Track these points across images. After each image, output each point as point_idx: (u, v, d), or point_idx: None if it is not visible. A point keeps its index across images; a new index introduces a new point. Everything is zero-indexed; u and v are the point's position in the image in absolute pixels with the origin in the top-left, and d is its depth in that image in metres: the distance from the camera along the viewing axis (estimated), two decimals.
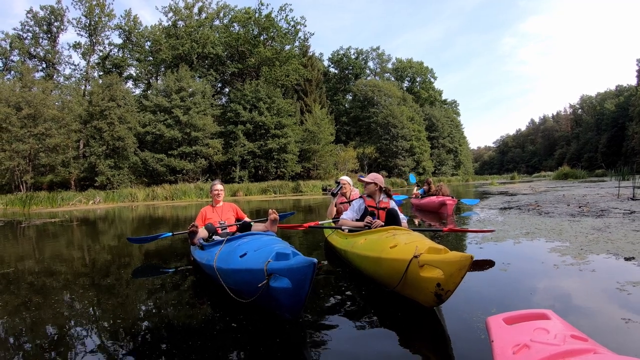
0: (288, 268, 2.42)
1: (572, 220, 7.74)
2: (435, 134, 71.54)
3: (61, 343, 2.71)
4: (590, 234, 6.11)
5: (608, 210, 9.10)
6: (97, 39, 46.30)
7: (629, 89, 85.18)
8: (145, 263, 5.54)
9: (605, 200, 11.92)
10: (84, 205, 24.94)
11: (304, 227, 6.00)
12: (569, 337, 1.54)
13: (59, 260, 6.14)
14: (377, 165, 58.34)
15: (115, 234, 9.84)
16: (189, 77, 39.91)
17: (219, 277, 3.26)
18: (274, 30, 48.47)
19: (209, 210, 6.04)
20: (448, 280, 2.65)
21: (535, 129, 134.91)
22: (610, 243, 5.28)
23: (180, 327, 2.92)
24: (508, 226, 7.51)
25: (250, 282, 2.71)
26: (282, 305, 2.57)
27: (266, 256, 2.73)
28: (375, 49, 76.85)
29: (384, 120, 58.43)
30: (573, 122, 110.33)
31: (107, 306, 3.56)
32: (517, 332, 1.67)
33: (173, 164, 36.50)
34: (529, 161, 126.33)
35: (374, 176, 5.14)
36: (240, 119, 41.88)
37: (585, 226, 6.90)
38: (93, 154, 32.45)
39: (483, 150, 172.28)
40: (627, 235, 5.80)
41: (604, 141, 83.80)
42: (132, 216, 15.93)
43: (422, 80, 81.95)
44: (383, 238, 3.80)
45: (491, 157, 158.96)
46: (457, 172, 76.39)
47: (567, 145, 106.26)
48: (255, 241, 3.44)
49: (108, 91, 33.69)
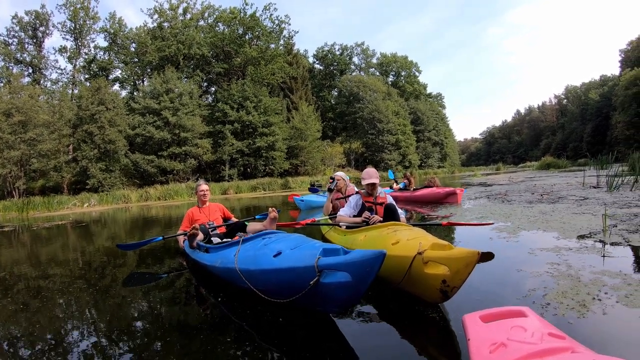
0: (349, 262, 2.34)
1: (527, 206, 8.55)
2: (420, 127, 72.24)
3: (58, 346, 2.76)
4: (534, 216, 6.94)
5: (565, 198, 9.77)
6: (82, 42, 46.51)
7: (612, 79, 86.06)
8: (136, 270, 5.37)
9: (569, 188, 12.50)
10: (79, 208, 25.43)
11: (301, 225, 5.95)
12: (546, 335, 1.55)
13: (65, 262, 6.29)
14: (363, 159, 59.17)
15: (111, 236, 10.05)
16: (176, 79, 40.28)
17: (244, 279, 3.17)
18: (259, 30, 48.99)
19: (196, 211, 6.04)
20: (454, 276, 2.61)
21: (521, 120, 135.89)
22: (545, 223, 6.13)
23: (180, 328, 2.96)
24: (468, 212, 8.46)
25: (294, 281, 2.65)
26: (335, 300, 2.52)
27: (311, 253, 2.66)
28: (360, 45, 77.40)
29: (369, 115, 59.12)
30: (558, 112, 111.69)
31: (106, 308, 3.62)
32: (494, 330, 1.67)
33: (163, 164, 36.94)
34: (515, 152, 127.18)
35: (370, 174, 5.03)
36: (228, 119, 42.47)
37: (534, 211, 7.69)
38: (85, 157, 32.68)
39: (470, 142, 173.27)
40: (564, 217, 6.58)
41: (588, 131, 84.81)
42: (126, 217, 16.34)
43: (406, 75, 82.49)
44: (384, 234, 3.79)
45: (478, 148, 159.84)
46: (443, 165, 77.16)
47: (552, 135, 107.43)
48: (283, 240, 3.34)
49: (97, 95, 33.92)
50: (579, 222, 5.95)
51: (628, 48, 74.58)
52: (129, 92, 47.84)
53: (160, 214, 16.54)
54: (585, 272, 3.48)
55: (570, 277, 3.38)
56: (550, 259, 4.01)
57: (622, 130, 65.30)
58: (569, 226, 5.74)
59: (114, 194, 30.29)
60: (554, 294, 3.02)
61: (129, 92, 47.95)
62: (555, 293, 3.05)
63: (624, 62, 74.29)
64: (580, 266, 3.66)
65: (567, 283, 3.24)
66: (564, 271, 3.56)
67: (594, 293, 2.97)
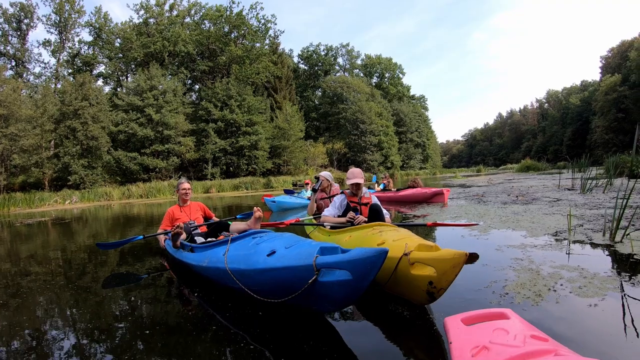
0: (350, 260, 2.30)
1: (501, 207, 8.92)
2: (403, 128, 73.33)
3: (38, 346, 2.73)
4: (506, 216, 7.28)
5: (539, 199, 10.07)
6: (67, 36, 46.05)
7: (593, 84, 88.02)
8: (117, 269, 5.27)
9: (545, 190, 12.86)
10: (61, 205, 25.34)
11: (285, 225, 5.83)
12: (529, 337, 1.54)
13: (45, 260, 6.22)
14: (346, 160, 59.81)
15: (92, 234, 9.91)
16: (160, 76, 40.19)
17: (235, 279, 3.12)
18: (245, 28, 49.36)
19: (177, 210, 5.89)
20: (441, 278, 2.59)
21: (502, 123, 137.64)
22: (516, 222, 6.48)
23: (162, 328, 2.92)
24: (444, 212, 8.84)
25: (290, 280, 2.61)
26: (334, 298, 2.50)
27: (308, 251, 2.62)
28: (345, 45, 77.77)
29: (352, 116, 59.65)
30: (539, 116, 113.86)
31: (87, 307, 3.59)
32: (476, 333, 1.66)
33: (146, 162, 36.84)
34: (496, 154, 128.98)
35: (355, 174, 4.98)
36: (212, 117, 42.69)
37: (507, 211, 8.01)
38: (67, 154, 32.22)
39: (452, 144, 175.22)
40: (534, 217, 6.91)
41: (568, 134, 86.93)
42: (108, 215, 16.26)
43: (390, 76, 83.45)
44: (369, 235, 3.75)
45: (460, 150, 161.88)
46: (425, 166, 78.47)
47: (533, 139, 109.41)
48: (276, 239, 3.28)
49: (81, 90, 33.54)
50: (548, 222, 6.28)
51: (609, 55, 76.61)
52: (113, 88, 47.46)
53: (143, 212, 16.58)
54: (546, 266, 3.76)
55: (531, 270, 3.65)
56: (515, 255, 4.28)
57: (601, 134, 67.09)
58: (537, 225, 6.06)
59: (95, 191, 30.17)
60: (513, 285, 3.25)
61: (112, 88, 47.57)
62: (515, 284, 3.28)
63: (605, 69, 76.30)
64: (541, 261, 3.94)
65: (527, 276, 3.50)
66: (525, 266, 3.83)
67: (550, 285, 3.21)
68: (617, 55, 72.37)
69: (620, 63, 69.11)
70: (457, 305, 2.92)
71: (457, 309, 2.50)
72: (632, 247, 4.22)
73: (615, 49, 74.12)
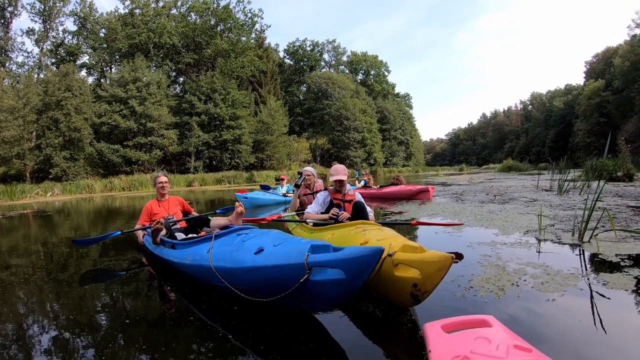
0: (344, 259, 2.25)
1: (478, 206, 9.06)
2: (387, 126, 73.89)
3: (18, 340, 2.71)
4: (481, 215, 7.41)
5: (516, 199, 10.17)
6: (51, 25, 45.31)
7: (577, 88, 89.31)
8: (97, 265, 5.12)
9: (523, 190, 12.98)
10: (42, 197, 25.23)
11: (267, 221, 5.68)
12: (512, 347, 1.49)
13: (26, 253, 6.18)
14: (329, 156, 60.08)
15: (74, 227, 9.87)
16: (145, 67, 39.95)
17: (220, 277, 3.01)
18: (231, 22, 49.33)
19: (155, 205, 5.75)
20: (426, 281, 2.50)
21: (486, 123, 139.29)
22: (490, 221, 6.61)
23: (142, 323, 2.92)
24: (421, 210, 9.07)
25: (280, 279, 2.54)
26: (325, 298, 2.44)
27: (299, 250, 2.55)
28: (331, 42, 78.13)
29: (337, 112, 59.90)
30: (523, 118, 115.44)
31: (68, 301, 3.54)
32: (457, 341, 1.61)
33: (129, 154, 36.57)
34: (479, 153, 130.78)
35: (338, 171, 4.88)
36: (195, 110, 42.63)
37: (483, 210, 8.14)
38: (49, 145, 31.81)
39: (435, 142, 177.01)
40: (508, 216, 7.03)
41: (551, 136, 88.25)
42: (90, 208, 16.20)
43: (376, 74, 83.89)
44: (352, 234, 3.70)
45: (443, 148, 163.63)
46: (408, 164, 79.28)
47: (516, 139, 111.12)
48: (263, 236, 3.19)
49: (64, 81, 33.04)
50: (521, 221, 6.42)
51: (593, 60, 77.95)
52: (96, 78, 46.92)
53: (125, 205, 16.67)
54: (512, 263, 3.88)
55: (498, 266, 3.78)
56: (485, 252, 4.41)
57: (583, 137, 68.52)
58: (510, 224, 6.20)
59: (77, 183, 29.99)
60: (479, 280, 3.37)
61: (96, 78, 47.03)
62: (480, 279, 3.39)
63: (589, 73, 77.41)
64: (509, 258, 4.07)
65: (493, 271, 3.62)
66: (493, 262, 3.96)
67: (514, 280, 3.34)
68: (601, 60, 73.69)
69: (604, 69, 70.44)
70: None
71: (423, 304, 2.68)
72: (598, 247, 4.37)
73: (600, 54, 75.56)
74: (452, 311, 2.71)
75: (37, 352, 2.52)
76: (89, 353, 2.45)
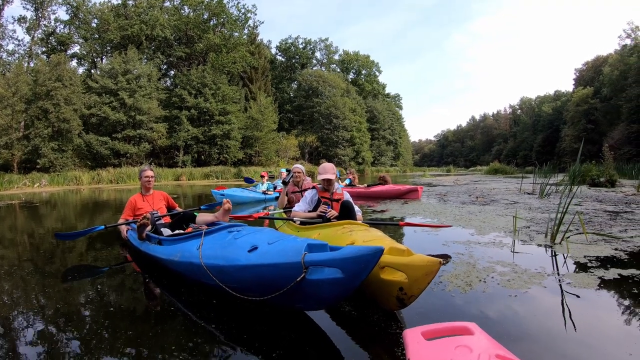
0: (342, 258, 2.23)
1: (458, 206, 9.28)
2: (376, 125, 74.44)
3: (3, 333, 2.71)
4: (460, 215, 7.62)
5: (497, 201, 10.34)
6: (43, 13, 44.76)
7: (565, 94, 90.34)
8: (82, 259, 5.10)
9: (505, 193, 13.13)
10: (30, 188, 25.32)
11: (254, 218, 5.67)
12: (493, 357, 1.46)
13: (12, 244, 6.29)
14: (317, 153, 60.52)
15: (61, 218, 10.05)
16: (136, 59, 39.76)
17: (211, 275, 2.96)
18: (225, 17, 49.26)
19: (139, 199, 5.72)
20: (412, 285, 2.48)
21: (475, 126, 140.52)
22: (468, 221, 6.79)
23: (128, 318, 2.93)
24: (403, 209, 9.27)
25: (275, 278, 2.50)
26: (321, 297, 2.42)
27: (295, 248, 2.52)
28: (323, 40, 78.17)
29: (326, 111, 60.01)
30: (512, 122, 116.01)
31: (53, 294, 3.55)
32: (437, 349, 1.56)
33: (117, 147, 36.33)
34: (467, 155, 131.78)
35: (326, 169, 4.85)
36: (185, 104, 42.58)
37: (463, 211, 8.34)
38: (38, 135, 31.53)
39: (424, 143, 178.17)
40: (487, 217, 7.22)
41: (539, 141, 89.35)
42: (77, 200, 16.42)
43: (367, 74, 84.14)
44: (339, 234, 3.65)
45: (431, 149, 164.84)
46: (396, 163, 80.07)
47: (504, 143, 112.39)
48: (256, 234, 3.17)
49: (55, 70, 32.70)
50: (498, 222, 6.59)
51: (583, 68, 78.68)
52: (87, 69, 46.63)
53: (112, 198, 16.78)
54: (483, 261, 4.05)
55: (468, 264, 3.95)
56: (458, 250, 4.59)
57: (570, 143, 69.42)
58: (487, 225, 6.36)
59: (65, 174, 30.00)
60: (449, 276, 3.52)
61: (86, 69, 46.70)
62: (450, 275, 3.55)
63: (578, 80, 78.26)
64: (480, 257, 4.23)
65: (463, 268, 3.79)
66: (464, 260, 4.13)
67: (482, 277, 3.49)
68: (591, 69, 74.43)
69: (593, 77, 71.26)
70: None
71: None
72: (568, 249, 4.53)
73: (590, 62, 76.21)
74: (417, 304, 2.74)
75: (22, 343, 2.54)
76: (74, 345, 2.49)
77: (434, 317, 2.71)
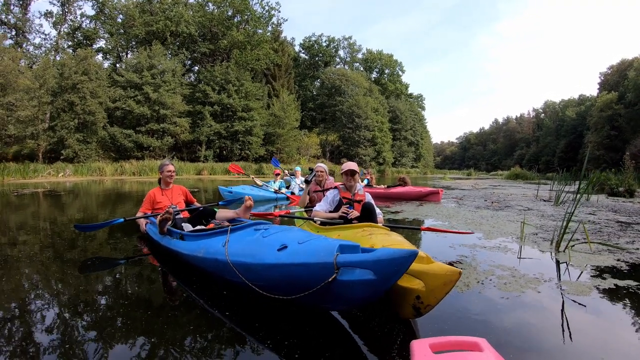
0: (375, 260, 2.20)
1: (472, 211, 9.24)
2: (398, 126, 73.54)
3: (21, 316, 2.78)
4: (472, 219, 7.63)
5: (511, 207, 10.30)
6: (69, 8, 45.71)
7: (590, 99, 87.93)
8: (102, 249, 5.09)
9: (521, 199, 13.02)
10: (54, 177, 25.71)
11: (275, 216, 5.67)
12: None
13: (34, 230, 6.31)
14: (338, 152, 60.27)
15: (83, 208, 10.13)
16: (161, 55, 40.16)
17: (238, 272, 2.92)
18: (248, 14, 49.52)
19: (158, 193, 5.69)
20: (429, 294, 2.43)
21: (498, 129, 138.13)
22: (478, 225, 6.83)
23: (144, 308, 2.94)
24: (417, 211, 9.31)
25: (306, 278, 2.47)
26: (352, 298, 2.39)
27: (326, 248, 2.48)
28: (347, 38, 77.88)
29: (349, 110, 59.80)
30: (535, 126, 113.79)
31: (72, 280, 3.61)
32: None
33: (140, 140, 36.77)
34: (489, 159, 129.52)
35: (349, 164, 4.83)
36: (209, 100, 42.85)
37: (475, 215, 8.35)
38: (63, 127, 31.97)
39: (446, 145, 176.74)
40: (497, 222, 7.25)
41: (561, 146, 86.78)
42: (99, 190, 16.43)
43: (390, 73, 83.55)
44: (358, 236, 3.59)
45: (453, 152, 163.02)
46: (416, 165, 79.10)
47: (527, 147, 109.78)
48: (285, 233, 3.13)
49: (81, 65, 33.18)
50: (507, 228, 6.58)
51: (608, 72, 76.43)
52: (112, 63, 47.21)
53: (134, 190, 16.85)
54: (485, 264, 4.13)
55: (470, 266, 4.04)
56: (463, 253, 4.66)
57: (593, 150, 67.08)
58: (495, 230, 6.39)
59: (89, 165, 30.37)
60: None
61: (111, 63, 47.29)
62: None
63: (603, 85, 76.08)
64: (483, 260, 4.31)
65: (464, 270, 3.85)
66: (467, 262, 4.21)
67: (481, 279, 3.58)
68: (616, 73, 72.40)
69: (618, 81, 69.11)
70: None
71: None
72: (570, 257, 4.52)
73: (615, 66, 74.10)
74: None
75: (38, 329, 2.57)
76: (89, 331, 2.54)
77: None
